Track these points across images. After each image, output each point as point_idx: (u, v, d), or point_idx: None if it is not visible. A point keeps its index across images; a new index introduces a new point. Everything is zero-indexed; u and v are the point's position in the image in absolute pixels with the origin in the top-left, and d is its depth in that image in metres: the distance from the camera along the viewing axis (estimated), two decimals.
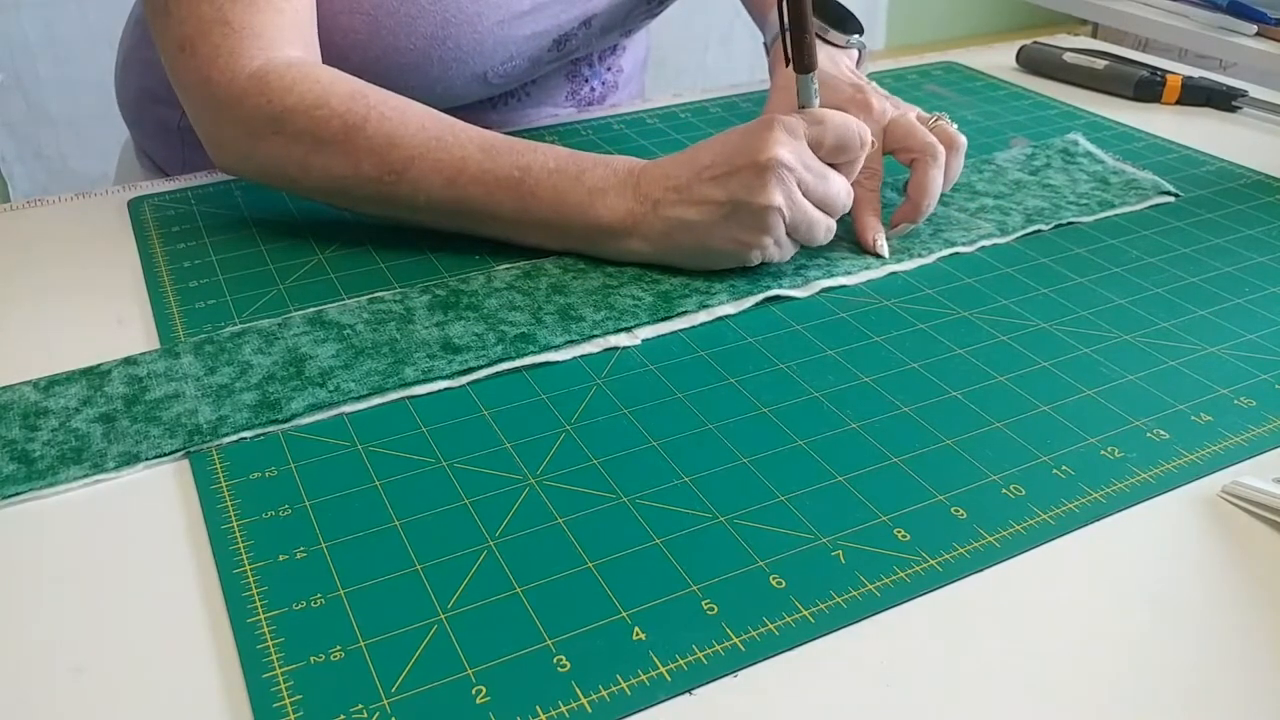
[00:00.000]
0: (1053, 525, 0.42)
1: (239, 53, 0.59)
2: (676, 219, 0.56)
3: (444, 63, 0.70)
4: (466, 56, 0.71)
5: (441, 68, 0.70)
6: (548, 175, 0.58)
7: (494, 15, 0.70)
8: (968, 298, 0.58)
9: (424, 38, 0.68)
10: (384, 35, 0.67)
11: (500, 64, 0.73)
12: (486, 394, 0.50)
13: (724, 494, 0.43)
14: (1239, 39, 0.99)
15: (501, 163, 0.58)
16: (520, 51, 0.73)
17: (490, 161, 0.58)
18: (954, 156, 0.64)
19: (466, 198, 0.58)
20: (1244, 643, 0.37)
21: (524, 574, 0.39)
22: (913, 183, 0.62)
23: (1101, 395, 0.50)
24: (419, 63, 0.69)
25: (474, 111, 0.79)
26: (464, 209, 0.59)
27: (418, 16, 0.68)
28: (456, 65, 0.71)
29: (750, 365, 0.52)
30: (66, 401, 0.48)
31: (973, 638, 0.37)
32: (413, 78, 0.69)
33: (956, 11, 2.80)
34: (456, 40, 0.69)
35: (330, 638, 0.37)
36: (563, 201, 0.58)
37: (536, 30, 0.73)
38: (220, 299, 0.57)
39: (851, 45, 0.72)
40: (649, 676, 0.35)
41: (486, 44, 0.70)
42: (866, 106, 0.65)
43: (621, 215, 0.57)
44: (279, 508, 0.43)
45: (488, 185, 0.58)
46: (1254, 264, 0.62)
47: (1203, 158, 0.77)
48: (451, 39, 0.69)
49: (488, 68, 0.72)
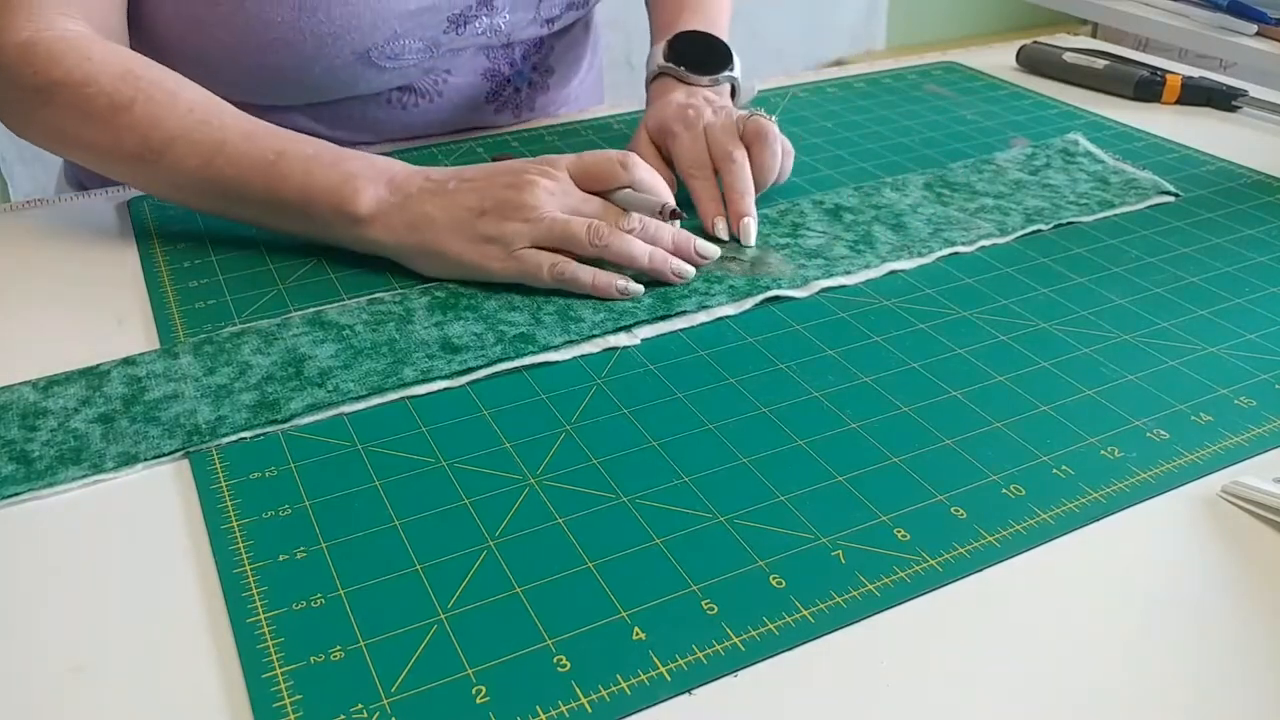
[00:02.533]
0: (1053, 525, 0.42)
1: (6, 24, 0.60)
2: (423, 214, 0.57)
3: (317, 38, 0.68)
4: (340, 31, 0.68)
5: (316, 43, 0.68)
6: (302, 160, 0.58)
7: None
8: (968, 298, 0.58)
9: (292, 9, 0.66)
10: (249, 5, 0.66)
11: (385, 42, 0.70)
12: (486, 394, 0.50)
13: (724, 494, 0.43)
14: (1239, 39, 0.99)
15: (259, 145, 0.58)
16: (408, 29, 0.70)
17: (248, 144, 0.58)
18: (759, 150, 0.65)
19: (220, 178, 0.58)
20: (1244, 643, 0.37)
21: (524, 574, 0.39)
22: (723, 186, 0.64)
23: (1101, 395, 0.50)
24: (290, 38, 0.67)
25: (387, 115, 0.76)
26: (217, 189, 0.59)
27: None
28: (332, 41, 0.68)
29: (750, 365, 0.52)
30: (65, 402, 0.48)
31: (973, 638, 0.37)
32: (286, 55, 0.68)
33: (956, 11, 2.80)
34: (328, 12, 0.67)
35: (330, 638, 0.37)
36: (311, 184, 0.57)
37: (424, 5, 0.70)
38: (220, 299, 0.57)
39: (718, 83, 0.74)
40: (649, 676, 0.35)
41: (363, 18, 0.68)
42: (687, 122, 0.67)
43: (369, 201, 0.57)
44: (279, 508, 0.43)
45: (241, 167, 0.58)
46: (1254, 264, 0.62)
47: (1203, 158, 0.77)
48: (322, 9, 0.67)
49: (369, 45, 0.69)
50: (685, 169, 0.66)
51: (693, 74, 0.73)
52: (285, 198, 0.58)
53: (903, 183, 0.71)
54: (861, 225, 0.65)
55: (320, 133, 0.72)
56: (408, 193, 0.57)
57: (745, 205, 0.63)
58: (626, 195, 0.59)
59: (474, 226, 0.56)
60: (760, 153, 0.65)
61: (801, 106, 0.87)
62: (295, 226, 0.60)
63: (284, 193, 0.58)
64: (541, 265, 0.56)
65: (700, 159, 0.65)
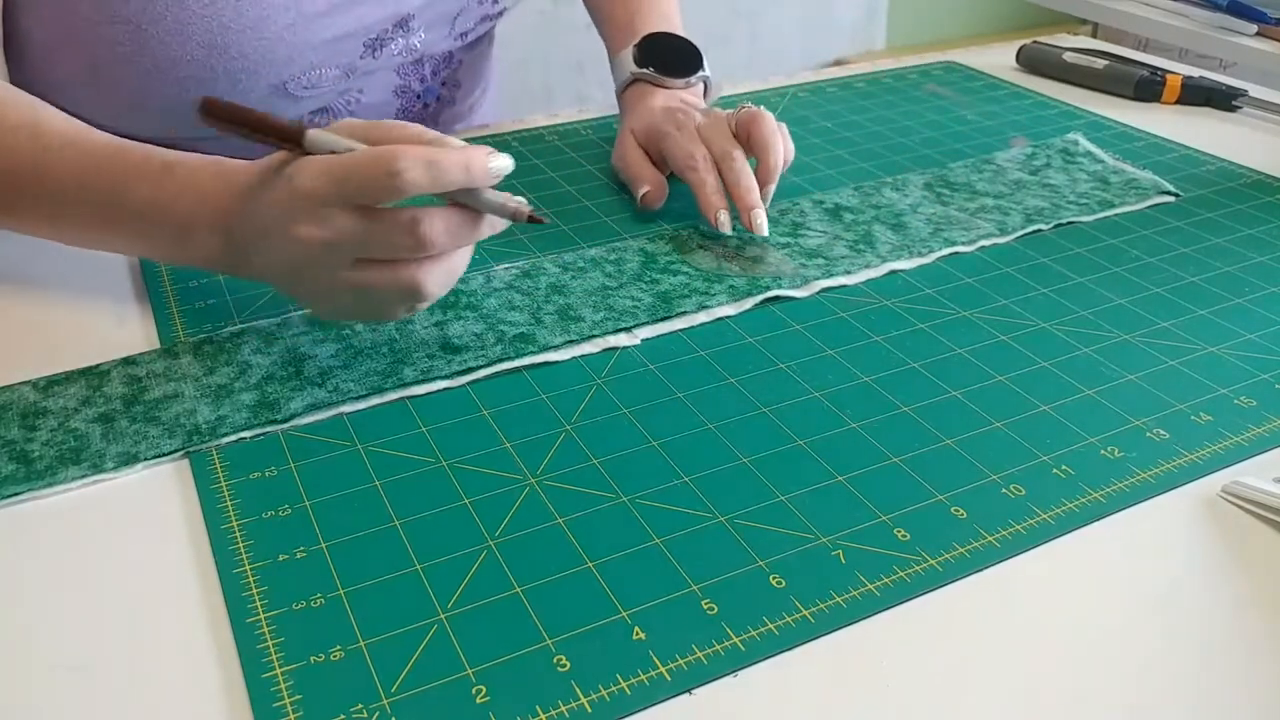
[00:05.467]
0: (1053, 525, 0.42)
1: None
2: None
3: (231, 74, 0.64)
4: (255, 67, 0.64)
5: (229, 80, 0.64)
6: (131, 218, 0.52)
7: (281, 19, 0.64)
8: (968, 298, 0.58)
9: (201, 47, 0.62)
10: (154, 46, 0.62)
11: (301, 73, 0.66)
12: (486, 394, 0.50)
13: (724, 494, 0.43)
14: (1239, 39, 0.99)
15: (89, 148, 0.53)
16: (325, 59, 0.67)
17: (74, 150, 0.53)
18: (757, 128, 0.64)
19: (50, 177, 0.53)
20: (1244, 642, 0.37)
21: (524, 574, 0.39)
22: (726, 184, 0.64)
23: (1101, 395, 0.50)
24: (202, 76, 0.63)
25: None
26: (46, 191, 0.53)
27: (189, 23, 0.62)
28: (246, 77, 0.64)
29: (750, 365, 0.52)
30: (65, 401, 0.48)
31: (973, 637, 0.37)
32: (198, 92, 0.61)
33: (956, 11, 2.80)
34: (240, 48, 0.63)
35: (330, 637, 0.37)
36: (153, 247, 0.54)
37: (341, 33, 0.67)
38: (220, 299, 0.57)
39: (692, 84, 0.74)
40: (649, 676, 0.35)
41: (277, 52, 0.64)
42: (677, 123, 0.67)
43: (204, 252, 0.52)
44: (279, 508, 0.43)
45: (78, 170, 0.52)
46: (1254, 264, 0.62)
47: (1203, 157, 0.77)
48: (234, 47, 0.63)
49: (286, 78, 0.66)
50: (681, 164, 0.65)
51: (668, 77, 0.73)
52: (130, 248, 0.54)
53: (903, 183, 0.71)
54: (862, 225, 0.65)
55: (230, 156, 0.65)
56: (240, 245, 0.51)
57: (752, 199, 0.62)
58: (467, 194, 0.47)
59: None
60: (761, 134, 0.64)
61: (801, 106, 0.87)
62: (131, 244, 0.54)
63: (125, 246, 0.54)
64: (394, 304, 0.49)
65: (696, 152, 0.65)
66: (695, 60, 0.75)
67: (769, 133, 0.64)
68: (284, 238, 0.47)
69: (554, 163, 0.75)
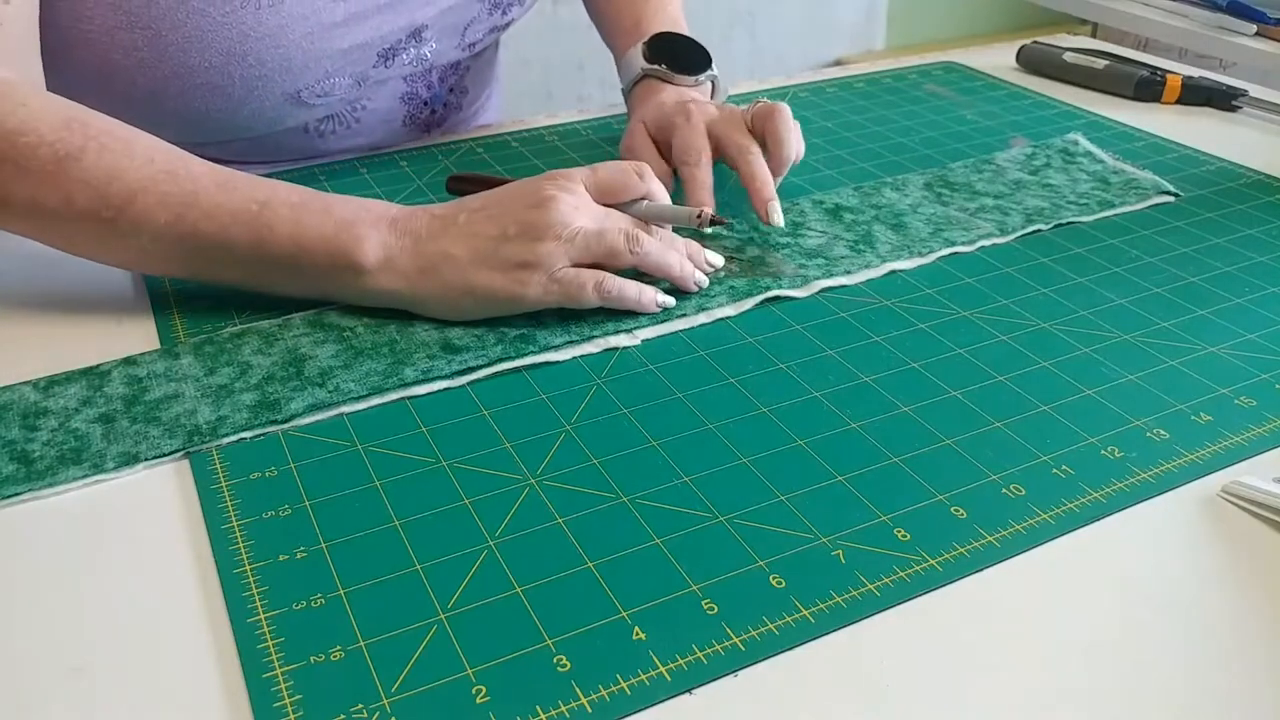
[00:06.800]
0: (1053, 525, 0.42)
1: None
2: (440, 253, 0.52)
3: (247, 82, 0.64)
4: (272, 75, 0.64)
5: (245, 88, 0.64)
6: (289, 209, 0.53)
7: (300, 28, 0.64)
8: (968, 298, 0.58)
9: (220, 54, 0.62)
10: (173, 53, 0.62)
11: (316, 82, 0.67)
12: (486, 394, 0.50)
13: (724, 494, 0.43)
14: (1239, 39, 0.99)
15: (238, 197, 0.52)
16: (339, 68, 0.67)
17: (224, 195, 0.52)
18: (773, 123, 0.65)
19: (196, 233, 0.52)
20: (1244, 642, 0.37)
21: (524, 574, 0.39)
22: (742, 178, 0.64)
23: (1101, 395, 0.50)
24: (219, 83, 0.63)
25: (304, 142, 0.74)
26: (193, 246, 0.53)
27: (210, 31, 0.62)
28: (262, 85, 0.64)
29: (750, 365, 0.52)
30: (66, 402, 0.48)
31: (973, 638, 0.37)
32: (214, 100, 0.64)
33: (956, 11, 2.80)
34: (259, 57, 0.63)
35: (330, 638, 0.37)
36: (304, 234, 0.52)
37: (356, 43, 0.67)
38: (220, 299, 0.57)
39: (701, 82, 0.75)
40: (649, 676, 0.35)
41: (295, 60, 0.64)
42: (688, 114, 0.67)
43: (373, 248, 0.52)
44: (279, 508, 0.43)
45: (220, 220, 0.52)
46: (1254, 264, 0.62)
47: (1203, 157, 0.77)
48: (253, 55, 0.62)
49: (301, 86, 0.66)
50: (679, 156, 0.65)
51: (678, 74, 0.74)
52: (278, 252, 0.52)
53: (903, 183, 0.71)
54: (862, 225, 0.65)
55: (229, 161, 0.67)
56: (415, 233, 0.53)
57: (769, 191, 0.63)
58: (648, 207, 0.58)
59: (501, 254, 0.52)
60: (775, 126, 0.65)
61: (801, 106, 0.87)
62: (285, 283, 0.54)
63: (275, 246, 0.52)
64: (585, 284, 0.52)
65: (696, 145, 0.65)
66: (704, 59, 0.75)
67: (784, 126, 0.65)
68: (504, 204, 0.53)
69: (554, 163, 0.75)
